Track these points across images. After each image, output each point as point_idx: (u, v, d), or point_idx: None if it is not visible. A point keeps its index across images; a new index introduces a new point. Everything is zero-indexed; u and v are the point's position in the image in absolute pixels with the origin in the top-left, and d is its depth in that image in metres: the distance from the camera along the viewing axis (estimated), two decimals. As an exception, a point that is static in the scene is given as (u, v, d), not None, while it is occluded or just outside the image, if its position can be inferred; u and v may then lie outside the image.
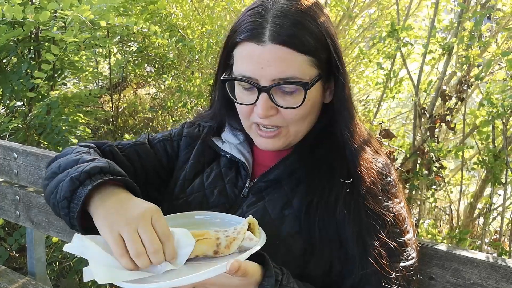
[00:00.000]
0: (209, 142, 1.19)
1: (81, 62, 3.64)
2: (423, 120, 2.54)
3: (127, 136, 3.72)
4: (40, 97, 3.05)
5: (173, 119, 4.60)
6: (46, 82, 3.04)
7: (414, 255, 1.04)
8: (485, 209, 2.60)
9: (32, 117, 2.92)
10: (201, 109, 3.72)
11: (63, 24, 2.59)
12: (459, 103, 2.50)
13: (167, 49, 3.90)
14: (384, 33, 2.50)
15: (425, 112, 2.55)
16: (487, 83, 2.48)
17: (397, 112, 4.12)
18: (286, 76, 0.96)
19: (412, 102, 2.74)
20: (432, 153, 2.41)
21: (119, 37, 3.91)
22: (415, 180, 2.50)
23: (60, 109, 2.97)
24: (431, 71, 3.15)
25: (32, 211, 1.88)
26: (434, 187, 2.52)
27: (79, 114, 3.38)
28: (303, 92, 0.97)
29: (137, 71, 4.69)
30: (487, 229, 2.67)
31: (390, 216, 1.01)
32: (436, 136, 2.49)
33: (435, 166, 2.44)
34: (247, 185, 1.11)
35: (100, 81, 4.78)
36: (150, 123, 4.94)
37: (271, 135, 1.04)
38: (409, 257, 1.02)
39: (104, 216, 0.90)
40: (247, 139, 1.16)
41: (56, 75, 3.26)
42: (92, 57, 3.96)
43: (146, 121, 4.97)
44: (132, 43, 4.40)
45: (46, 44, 3.02)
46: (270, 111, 0.99)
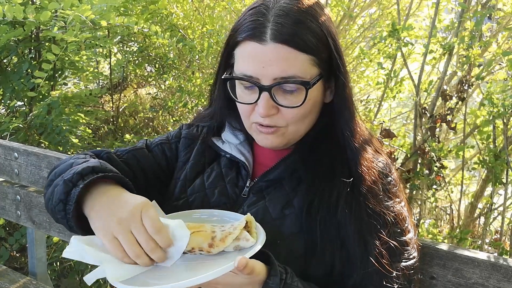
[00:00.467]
0: (209, 142, 1.19)
1: (81, 62, 3.64)
2: (423, 119, 2.54)
3: (127, 136, 3.72)
4: (41, 97, 3.05)
5: (174, 119, 4.60)
6: (47, 82, 3.05)
7: (415, 254, 1.04)
8: (485, 209, 2.61)
9: (32, 117, 2.92)
10: (201, 109, 3.71)
11: (63, 24, 2.59)
12: (459, 103, 2.50)
13: (167, 49, 3.90)
14: (385, 33, 2.50)
15: (426, 111, 2.55)
16: (487, 82, 2.49)
17: (397, 112, 4.12)
18: (287, 75, 0.96)
19: (413, 102, 2.74)
20: (432, 153, 2.41)
21: (119, 37, 3.91)
22: (416, 180, 2.50)
23: (61, 109, 2.97)
24: (432, 71, 3.15)
25: (33, 211, 1.88)
26: (434, 187, 2.52)
27: (79, 114, 3.38)
28: (304, 91, 0.97)
29: (137, 71, 4.69)
30: (487, 229, 2.67)
31: (391, 215, 1.01)
32: (437, 136, 2.49)
33: (435, 166, 2.44)
34: (247, 185, 1.11)
35: (100, 81, 4.78)
36: (151, 123, 4.94)
37: (270, 132, 1.04)
38: (410, 257, 1.02)
39: (97, 218, 0.91)
40: (247, 139, 1.16)
41: (56, 75, 3.26)
42: (93, 57, 3.96)
43: (146, 121, 4.97)
44: (133, 43, 4.40)
45: (47, 44, 3.02)
46: (271, 110, 0.99)
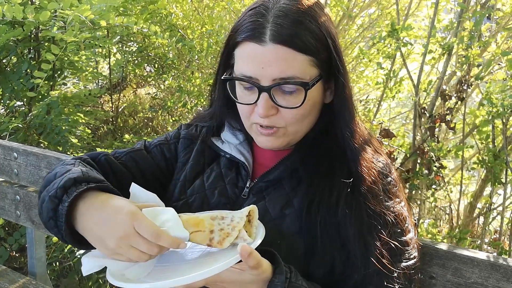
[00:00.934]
0: (208, 142, 1.19)
1: (81, 62, 3.64)
2: (423, 119, 2.55)
3: (127, 136, 3.72)
4: (40, 97, 3.05)
5: (173, 119, 4.60)
6: (46, 82, 3.04)
7: (415, 254, 1.04)
8: (485, 209, 2.61)
9: (32, 117, 2.92)
10: (201, 109, 3.71)
11: (63, 24, 2.59)
12: (459, 102, 2.50)
13: (167, 49, 3.90)
14: (384, 33, 2.50)
15: (425, 111, 2.55)
16: (487, 82, 2.49)
17: (397, 111, 4.13)
18: (286, 76, 0.96)
19: (412, 102, 2.75)
20: (432, 153, 2.41)
21: (119, 37, 3.91)
22: (415, 179, 2.50)
23: (60, 109, 2.97)
24: (431, 70, 3.16)
25: (33, 211, 1.88)
26: (434, 186, 2.52)
27: (79, 114, 3.38)
28: (303, 92, 0.98)
29: (137, 71, 4.69)
30: (487, 228, 2.68)
31: (391, 215, 1.01)
32: (436, 136, 2.49)
33: (435, 166, 2.44)
34: (247, 185, 1.11)
35: (100, 81, 4.78)
36: (150, 123, 4.94)
37: (270, 133, 1.04)
38: (411, 257, 1.02)
39: (94, 239, 0.91)
40: (247, 139, 1.16)
41: (56, 75, 3.26)
42: (92, 57, 3.96)
43: (146, 121, 4.97)
44: (132, 43, 4.39)
45: (46, 44, 3.02)
46: (270, 110, 0.99)
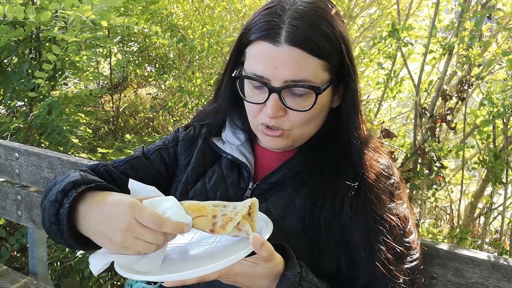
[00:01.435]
0: (209, 142, 1.18)
1: (82, 62, 3.64)
2: (423, 119, 2.55)
3: (127, 136, 3.72)
4: (41, 97, 3.05)
5: (174, 119, 4.60)
6: (47, 82, 3.04)
7: (417, 255, 1.04)
8: (485, 209, 2.61)
9: (33, 117, 2.92)
10: (201, 109, 3.70)
11: (64, 24, 2.59)
12: (459, 102, 2.50)
13: (168, 49, 3.90)
14: (385, 33, 2.50)
15: (426, 111, 2.55)
16: (487, 82, 2.49)
17: (397, 111, 4.12)
18: (298, 79, 0.96)
19: (413, 102, 2.75)
20: (432, 153, 2.41)
21: (120, 37, 3.91)
22: (416, 179, 2.50)
23: (61, 109, 2.97)
24: (432, 70, 3.16)
25: (34, 211, 1.88)
26: (434, 186, 2.52)
27: (80, 114, 3.38)
28: (313, 96, 0.97)
29: (137, 71, 4.69)
30: (487, 228, 2.68)
31: (395, 219, 1.01)
32: (437, 136, 2.49)
33: (435, 166, 2.44)
34: (249, 187, 1.10)
35: (100, 81, 4.78)
36: (151, 123, 4.94)
37: (275, 135, 1.03)
38: (414, 257, 1.02)
39: (99, 238, 0.90)
40: (248, 140, 1.16)
41: (57, 75, 3.26)
42: (93, 57, 3.96)
43: (146, 121, 4.97)
44: (133, 43, 4.40)
45: (47, 44, 3.02)
46: (279, 112, 0.99)
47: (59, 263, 2.78)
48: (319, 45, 0.95)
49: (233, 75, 1.05)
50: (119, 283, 2.70)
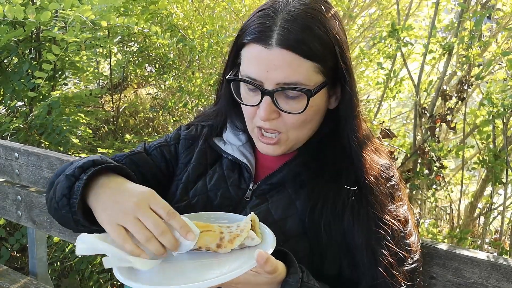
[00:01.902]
0: (210, 143, 1.18)
1: (81, 62, 3.64)
2: (423, 119, 2.55)
3: (127, 136, 3.72)
4: (41, 97, 3.05)
5: (174, 119, 4.60)
6: (47, 82, 3.05)
7: (417, 257, 1.04)
8: (485, 209, 2.61)
9: (33, 117, 2.92)
10: (202, 109, 3.72)
11: (64, 24, 2.59)
12: (459, 102, 2.50)
13: (167, 49, 3.90)
14: (385, 33, 2.50)
15: (426, 111, 2.56)
16: (487, 82, 2.49)
17: (397, 111, 4.12)
18: (290, 82, 0.95)
19: (413, 102, 2.75)
20: (432, 153, 2.41)
21: (119, 37, 3.91)
22: (416, 179, 2.51)
23: (61, 109, 2.97)
24: (432, 70, 3.16)
25: (34, 211, 1.88)
26: (434, 186, 2.52)
27: (80, 114, 3.38)
28: (306, 98, 0.97)
29: (137, 71, 4.69)
30: (487, 228, 2.68)
31: (396, 222, 1.01)
32: (437, 136, 2.49)
33: (435, 166, 2.44)
34: (250, 188, 1.10)
35: (100, 81, 4.78)
36: (151, 123, 4.94)
37: (271, 142, 1.03)
38: (414, 259, 1.02)
39: (102, 210, 0.90)
40: (249, 141, 1.16)
41: (57, 75, 3.26)
42: (93, 57, 3.96)
43: (146, 121, 4.97)
44: (133, 43, 4.40)
45: (47, 44, 3.02)
46: (272, 114, 0.99)
47: (59, 263, 2.78)
48: (311, 48, 0.95)
49: (227, 77, 1.06)
50: (119, 283, 2.70)
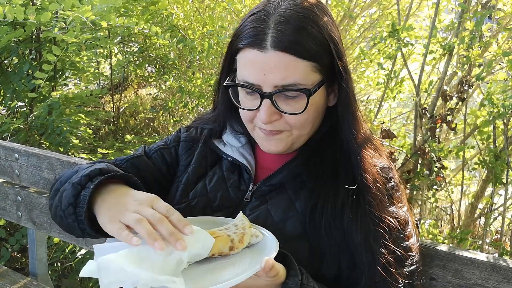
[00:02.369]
0: (210, 145, 1.19)
1: (82, 63, 3.64)
2: (424, 120, 2.54)
3: (128, 136, 3.72)
4: (42, 97, 3.05)
5: (174, 119, 4.60)
6: (47, 82, 3.05)
7: (417, 259, 1.04)
8: (486, 209, 2.60)
9: (33, 117, 2.92)
10: (202, 109, 3.72)
11: (64, 25, 2.59)
12: (460, 103, 2.50)
13: (168, 49, 3.90)
14: (385, 33, 2.50)
15: (426, 112, 2.55)
16: (488, 83, 2.49)
17: (398, 112, 4.12)
18: (288, 83, 0.96)
19: (413, 102, 2.74)
20: (433, 153, 2.41)
21: (120, 37, 3.92)
22: (416, 180, 2.50)
23: (62, 109, 2.97)
24: (432, 71, 3.15)
25: (34, 211, 1.88)
26: (435, 187, 2.52)
27: (80, 114, 3.38)
28: (305, 98, 0.97)
29: (138, 71, 4.69)
30: (488, 229, 2.67)
31: (395, 222, 1.01)
32: (437, 136, 2.49)
33: (436, 166, 2.44)
34: (250, 189, 1.10)
35: (101, 81, 4.77)
36: (151, 124, 4.94)
37: (274, 133, 1.03)
38: (413, 261, 1.02)
39: (105, 212, 0.91)
40: (249, 142, 1.16)
41: (57, 76, 3.26)
42: (93, 58, 3.96)
43: (147, 121, 4.98)
44: (133, 43, 4.40)
45: (47, 44, 3.02)
46: (273, 116, 1.00)
47: (59, 263, 2.78)
48: (306, 47, 0.95)
49: (224, 83, 1.06)
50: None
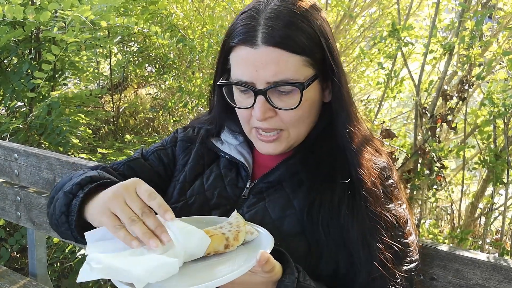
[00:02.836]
0: (208, 144, 1.19)
1: (81, 63, 3.64)
2: (424, 119, 2.54)
3: (128, 136, 3.72)
4: (41, 97, 3.05)
5: (174, 119, 4.60)
6: (47, 82, 3.05)
7: (416, 257, 1.04)
8: (486, 209, 2.60)
9: (33, 117, 2.92)
10: (202, 109, 3.72)
11: (63, 25, 2.59)
12: (460, 102, 2.49)
13: (167, 49, 3.90)
14: (385, 33, 2.50)
15: (426, 111, 2.55)
16: (488, 82, 2.48)
17: (398, 111, 4.11)
18: (280, 79, 0.96)
19: (413, 102, 2.74)
20: (433, 153, 2.40)
21: (119, 37, 3.91)
22: (416, 180, 2.50)
23: (61, 109, 2.97)
24: (432, 70, 3.15)
25: (33, 212, 1.88)
26: (435, 187, 2.51)
27: (80, 114, 3.38)
28: (299, 93, 0.97)
29: (137, 71, 4.69)
30: (488, 229, 2.67)
31: (393, 218, 1.01)
32: (437, 136, 2.48)
33: (436, 166, 2.43)
34: (247, 186, 1.10)
35: (101, 81, 4.78)
36: (151, 123, 4.94)
37: (271, 140, 1.04)
38: (412, 259, 1.02)
39: (94, 208, 0.92)
40: (246, 140, 1.16)
41: (56, 76, 3.26)
42: (93, 57, 3.96)
43: (147, 121, 4.97)
44: (133, 43, 4.40)
45: (47, 44, 3.02)
46: (267, 113, 0.99)
47: (59, 264, 2.77)
48: (297, 42, 0.95)
49: (218, 83, 1.06)
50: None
